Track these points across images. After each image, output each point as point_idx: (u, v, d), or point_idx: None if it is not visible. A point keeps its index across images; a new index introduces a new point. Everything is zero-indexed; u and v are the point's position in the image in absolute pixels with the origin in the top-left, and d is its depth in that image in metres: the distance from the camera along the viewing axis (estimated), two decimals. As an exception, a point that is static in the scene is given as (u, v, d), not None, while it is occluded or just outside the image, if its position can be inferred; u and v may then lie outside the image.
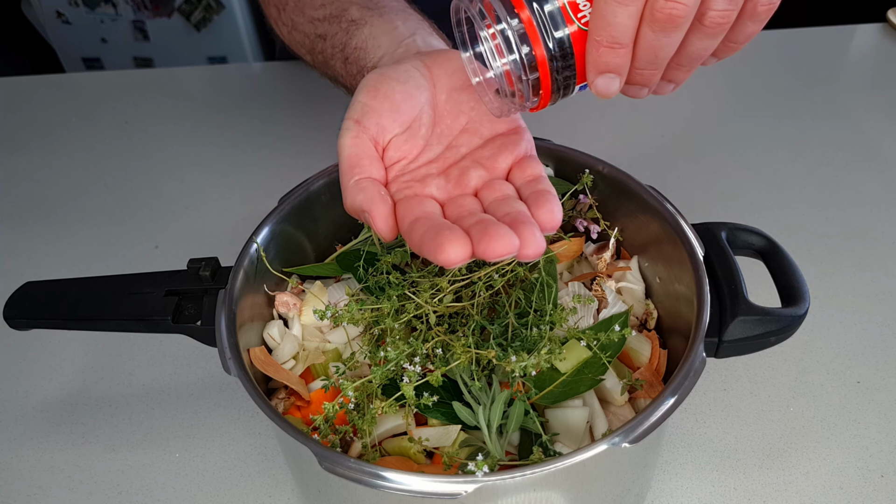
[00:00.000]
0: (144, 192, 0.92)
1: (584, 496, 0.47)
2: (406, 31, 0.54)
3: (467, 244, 0.36)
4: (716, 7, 0.34)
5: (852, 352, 0.70)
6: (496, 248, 0.35)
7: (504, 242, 0.35)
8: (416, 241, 0.38)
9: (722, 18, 0.35)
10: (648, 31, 0.35)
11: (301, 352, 0.56)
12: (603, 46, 0.36)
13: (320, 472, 0.41)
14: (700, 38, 0.36)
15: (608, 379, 0.51)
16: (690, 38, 0.36)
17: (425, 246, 0.37)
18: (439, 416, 0.48)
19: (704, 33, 0.36)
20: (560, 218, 0.40)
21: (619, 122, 0.99)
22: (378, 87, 0.44)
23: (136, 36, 1.86)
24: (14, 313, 0.55)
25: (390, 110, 0.43)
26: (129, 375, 0.70)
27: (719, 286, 0.50)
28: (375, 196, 0.40)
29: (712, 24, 0.35)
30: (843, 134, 0.97)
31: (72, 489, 0.61)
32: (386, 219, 0.40)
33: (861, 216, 0.85)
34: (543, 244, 0.37)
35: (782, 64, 1.11)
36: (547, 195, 0.40)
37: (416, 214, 0.39)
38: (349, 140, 0.43)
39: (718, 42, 0.37)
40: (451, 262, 0.36)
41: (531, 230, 0.37)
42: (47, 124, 1.05)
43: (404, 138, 0.44)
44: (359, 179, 0.42)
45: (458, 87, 0.46)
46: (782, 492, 0.59)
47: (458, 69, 0.46)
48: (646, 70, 0.38)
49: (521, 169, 0.44)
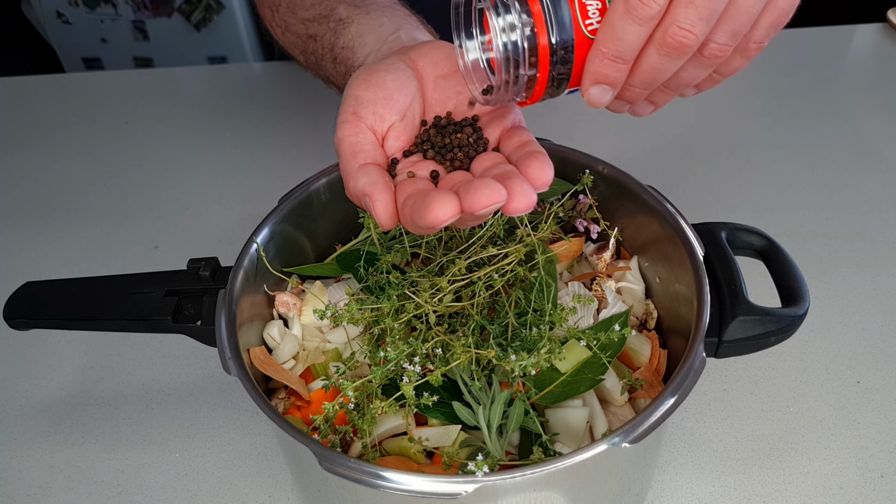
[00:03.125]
0: (144, 192, 0.93)
1: (584, 496, 0.47)
2: (391, 27, 0.54)
3: (454, 201, 0.35)
4: (717, 40, 0.36)
5: (852, 352, 0.70)
6: (482, 199, 0.35)
7: (489, 193, 0.35)
8: (407, 214, 0.38)
9: (720, 51, 0.36)
10: (654, 53, 0.36)
11: (301, 352, 0.56)
12: (607, 58, 0.36)
13: (320, 472, 0.41)
14: (695, 66, 0.38)
15: (608, 379, 0.51)
16: (686, 65, 0.38)
17: (416, 214, 0.36)
18: (439, 416, 0.48)
19: (700, 63, 0.37)
20: (551, 174, 0.39)
21: (619, 122, 0.99)
22: (368, 79, 0.44)
23: (136, 36, 1.86)
24: (14, 313, 0.55)
25: (385, 99, 0.43)
26: (129, 375, 0.70)
27: (719, 286, 0.50)
28: (379, 181, 0.40)
29: (710, 56, 0.37)
30: (844, 134, 0.97)
31: (72, 489, 0.61)
32: (386, 205, 0.39)
33: (861, 216, 0.85)
34: (533, 197, 0.36)
35: (782, 64, 1.11)
36: (536, 154, 0.40)
37: (408, 192, 0.39)
38: (347, 130, 0.42)
39: (709, 72, 0.39)
40: (439, 221, 0.35)
41: (519, 183, 0.36)
42: (47, 124, 1.05)
43: (402, 127, 0.44)
44: (363, 164, 0.41)
45: (443, 75, 0.46)
46: (782, 492, 0.59)
47: (442, 58, 0.46)
48: (638, 89, 0.39)
49: (509, 138, 0.43)
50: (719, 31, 0.36)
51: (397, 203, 0.39)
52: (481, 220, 0.38)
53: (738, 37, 0.36)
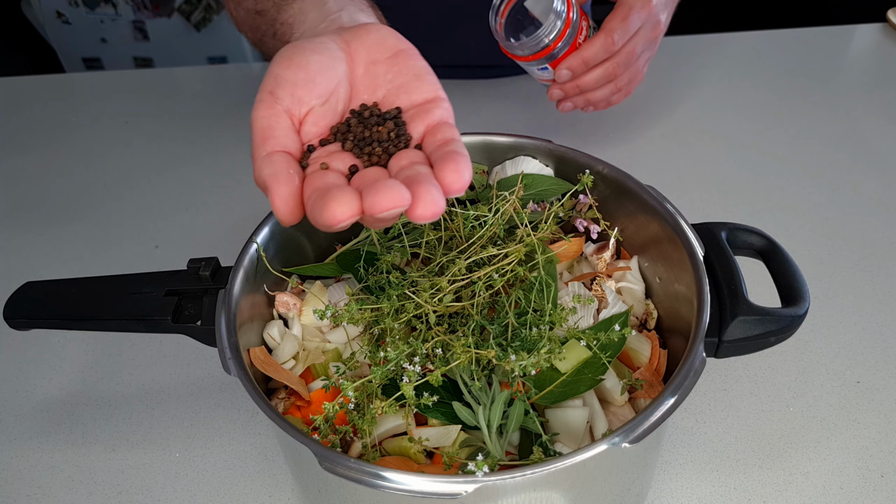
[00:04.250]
0: (144, 192, 0.93)
1: (584, 496, 0.47)
2: (335, 6, 0.52)
3: (355, 200, 0.34)
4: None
5: (852, 352, 0.70)
6: (382, 202, 0.34)
7: (392, 196, 0.34)
8: (309, 209, 0.37)
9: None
10: (600, 70, 0.78)
11: (301, 352, 0.56)
12: (579, 57, 0.76)
13: (320, 472, 0.41)
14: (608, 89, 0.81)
15: (608, 379, 0.51)
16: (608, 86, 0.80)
17: (315, 209, 0.35)
18: (439, 416, 0.48)
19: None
20: (468, 178, 0.37)
21: (619, 122, 0.99)
22: (292, 58, 0.42)
23: (136, 36, 1.86)
24: (14, 313, 0.55)
25: (306, 81, 0.41)
26: (129, 375, 0.70)
27: (719, 286, 0.50)
28: (281, 172, 0.38)
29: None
30: (843, 134, 0.97)
31: (72, 489, 0.61)
32: (285, 199, 0.37)
33: (861, 216, 0.85)
34: (441, 203, 0.35)
35: (782, 64, 1.11)
36: (454, 155, 0.38)
37: (316, 186, 0.38)
38: (262, 111, 0.40)
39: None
40: (336, 220, 0.34)
41: (426, 189, 0.35)
42: (47, 124, 1.05)
43: (322, 112, 0.42)
44: (271, 152, 0.39)
45: (376, 61, 0.44)
46: (782, 492, 0.59)
47: (378, 42, 0.44)
48: (588, 80, 0.78)
49: (432, 134, 0.41)
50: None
51: (304, 196, 0.38)
52: (386, 222, 0.37)
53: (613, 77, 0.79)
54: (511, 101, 1.02)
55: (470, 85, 1.05)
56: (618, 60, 0.77)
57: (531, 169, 0.62)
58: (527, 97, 1.02)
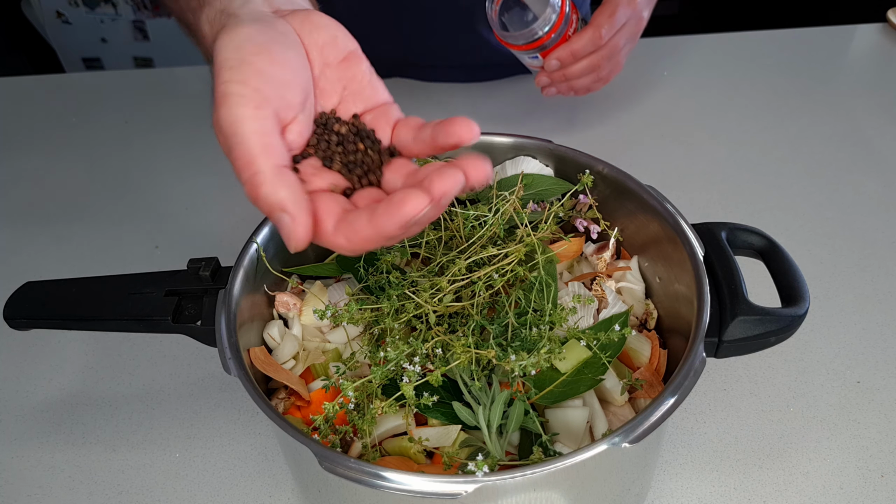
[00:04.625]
0: (144, 192, 0.92)
1: (584, 496, 0.47)
2: None
3: (423, 193, 0.32)
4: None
5: (852, 352, 0.70)
6: (445, 183, 0.32)
7: (452, 174, 0.32)
8: (344, 233, 0.33)
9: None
10: (586, 61, 0.82)
11: (301, 352, 0.56)
12: (568, 48, 0.80)
13: (320, 472, 0.41)
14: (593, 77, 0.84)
15: (608, 379, 0.51)
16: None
17: (381, 219, 0.32)
18: (439, 416, 0.48)
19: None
20: (474, 127, 0.35)
21: (619, 122, 0.99)
22: (272, 50, 0.35)
23: (136, 36, 1.86)
24: (14, 313, 0.55)
25: (292, 83, 0.36)
26: (129, 375, 0.71)
27: (719, 286, 0.50)
28: (300, 197, 0.33)
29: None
30: (843, 134, 0.97)
31: (72, 489, 0.61)
32: (307, 227, 0.33)
33: (861, 216, 0.85)
34: (484, 164, 0.33)
35: (782, 64, 1.11)
36: (443, 123, 0.35)
37: (338, 210, 0.34)
38: (250, 111, 0.34)
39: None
40: (412, 214, 0.32)
41: (458, 161, 0.33)
42: (47, 124, 1.05)
43: (304, 120, 0.37)
44: (281, 167, 0.34)
45: (329, 63, 0.39)
46: (782, 492, 0.59)
47: (329, 42, 0.39)
48: (574, 75, 0.82)
49: (404, 126, 0.39)
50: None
51: (325, 223, 0.34)
52: (418, 228, 0.35)
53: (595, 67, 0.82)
54: (511, 101, 1.02)
55: (470, 85, 1.05)
56: (603, 53, 0.81)
57: (531, 169, 0.62)
58: (527, 97, 1.02)
